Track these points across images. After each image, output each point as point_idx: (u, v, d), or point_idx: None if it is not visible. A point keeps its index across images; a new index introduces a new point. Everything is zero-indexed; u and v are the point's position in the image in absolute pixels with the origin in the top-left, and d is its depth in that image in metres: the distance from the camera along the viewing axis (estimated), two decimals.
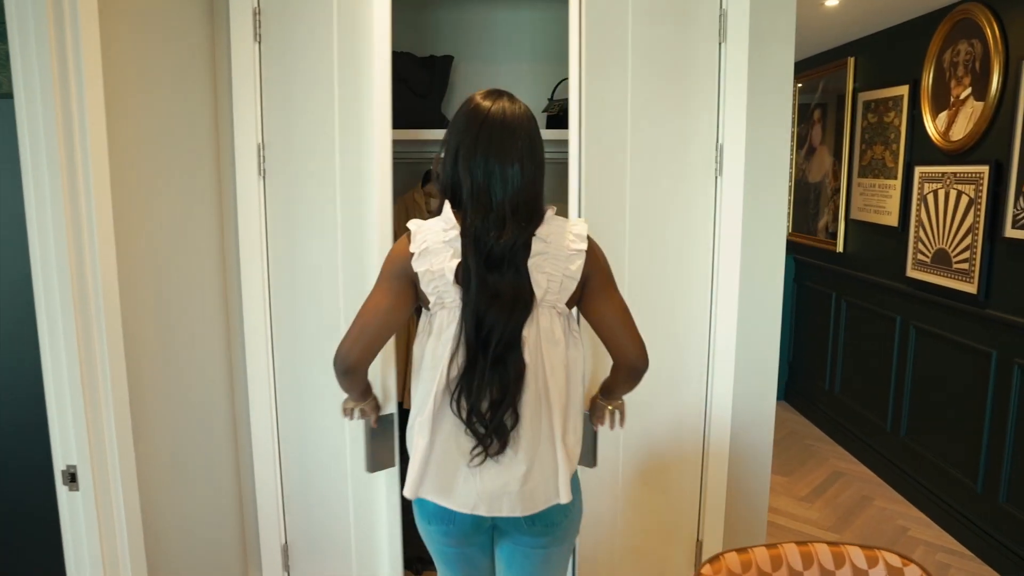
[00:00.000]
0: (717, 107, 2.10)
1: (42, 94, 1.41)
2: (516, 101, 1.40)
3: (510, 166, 1.33)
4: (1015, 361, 2.69)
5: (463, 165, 1.35)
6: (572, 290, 1.37)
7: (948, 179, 3.06)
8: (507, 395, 1.32)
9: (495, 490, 1.38)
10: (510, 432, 1.35)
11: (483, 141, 1.34)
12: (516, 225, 1.32)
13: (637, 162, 2.09)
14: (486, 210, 1.32)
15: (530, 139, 1.37)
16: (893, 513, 3.30)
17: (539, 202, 1.39)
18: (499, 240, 1.30)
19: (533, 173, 1.36)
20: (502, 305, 1.30)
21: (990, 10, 2.78)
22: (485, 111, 1.35)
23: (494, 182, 1.33)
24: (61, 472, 1.50)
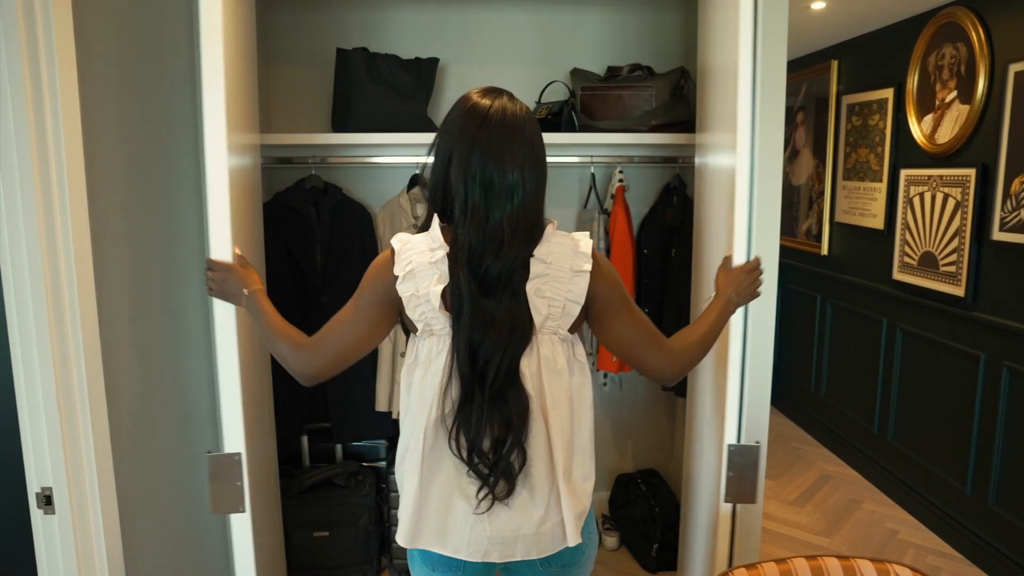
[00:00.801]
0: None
1: (12, 93, 1.34)
2: (516, 100, 1.24)
3: (510, 176, 1.17)
4: (1003, 363, 2.69)
5: (456, 173, 1.19)
6: (576, 314, 1.24)
7: (934, 182, 3.07)
8: (512, 433, 1.20)
9: (507, 535, 1.26)
10: (518, 473, 1.23)
11: (480, 146, 1.17)
12: (515, 244, 1.18)
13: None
14: (482, 227, 1.17)
15: (532, 145, 1.22)
16: (882, 516, 3.30)
17: (540, 217, 1.24)
18: (495, 261, 1.17)
19: (535, 185, 1.21)
20: (498, 334, 1.17)
21: (974, 13, 2.80)
22: (483, 111, 1.19)
23: (492, 195, 1.17)
24: (36, 495, 1.42)
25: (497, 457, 1.21)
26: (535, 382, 1.24)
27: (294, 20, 2.75)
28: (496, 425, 1.21)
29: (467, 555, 1.27)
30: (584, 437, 1.32)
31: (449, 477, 1.26)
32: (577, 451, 1.30)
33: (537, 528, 1.26)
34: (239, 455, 1.49)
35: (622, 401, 3.09)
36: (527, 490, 1.26)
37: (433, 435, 1.24)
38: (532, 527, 1.26)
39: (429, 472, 1.26)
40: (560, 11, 2.81)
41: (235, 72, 1.96)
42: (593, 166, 2.80)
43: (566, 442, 1.27)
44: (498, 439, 1.21)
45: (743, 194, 1.54)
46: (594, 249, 1.27)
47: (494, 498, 1.24)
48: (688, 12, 2.80)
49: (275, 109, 2.77)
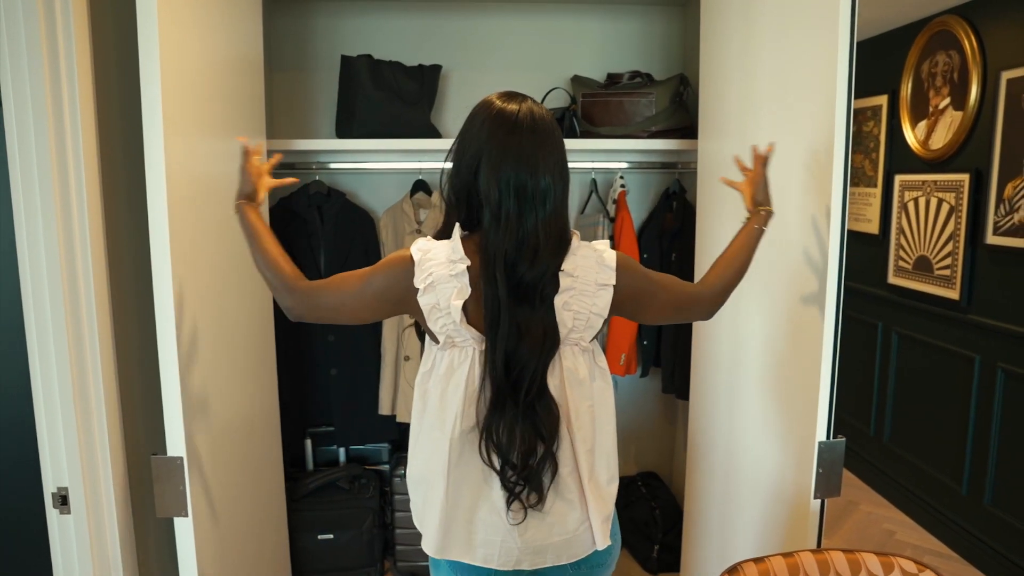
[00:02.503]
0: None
1: (32, 99, 1.36)
2: (539, 105, 1.24)
3: (543, 181, 1.16)
4: (998, 365, 2.73)
5: (488, 179, 1.16)
6: (599, 326, 1.26)
7: (929, 187, 3.12)
8: (543, 443, 1.20)
9: (538, 543, 1.26)
10: (549, 484, 1.24)
11: (512, 151, 1.16)
12: (548, 251, 1.17)
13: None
14: (515, 233, 1.16)
15: (560, 149, 1.22)
16: (879, 517, 3.33)
17: (567, 224, 1.25)
18: (530, 269, 1.16)
19: (563, 190, 1.22)
20: (532, 343, 1.17)
21: (967, 22, 2.85)
22: (512, 116, 1.18)
23: (525, 201, 1.15)
24: (52, 495, 1.44)
25: (528, 467, 1.21)
26: (559, 393, 1.24)
27: (298, 27, 2.78)
28: (528, 436, 1.20)
29: (498, 564, 1.27)
30: (607, 441, 1.33)
31: (478, 488, 1.26)
32: (600, 455, 1.31)
33: (567, 534, 1.28)
34: (181, 459, 1.47)
35: (622, 404, 3.11)
36: (556, 498, 1.26)
37: (459, 447, 1.23)
38: (562, 534, 1.27)
39: (457, 483, 1.25)
40: (561, 19, 2.86)
41: (238, 79, 1.99)
42: (594, 172, 2.84)
43: (589, 449, 1.28)
44: (528, 450, 1.21)
45: (838, 193, 1.54)
46: (615, 254, 1.27)
47: (525, 508, 1.24)
48: (687, 20, 2.84)
49: (279, 115, 2.80)
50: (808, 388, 1.64)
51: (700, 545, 2.34)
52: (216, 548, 1.64)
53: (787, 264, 1.76)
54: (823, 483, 1.62)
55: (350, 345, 2.65)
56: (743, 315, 2.00)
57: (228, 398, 1.79)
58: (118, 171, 1.72)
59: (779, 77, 1.79)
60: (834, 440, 1.61)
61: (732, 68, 2.06)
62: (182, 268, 1.47)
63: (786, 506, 1.74)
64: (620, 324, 2.70)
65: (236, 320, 1.89)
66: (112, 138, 1.68)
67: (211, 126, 1.74)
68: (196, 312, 1.56)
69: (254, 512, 2.03)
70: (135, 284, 1.75)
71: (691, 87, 2.64)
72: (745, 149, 1.98)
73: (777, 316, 1.82)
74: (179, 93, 1.50)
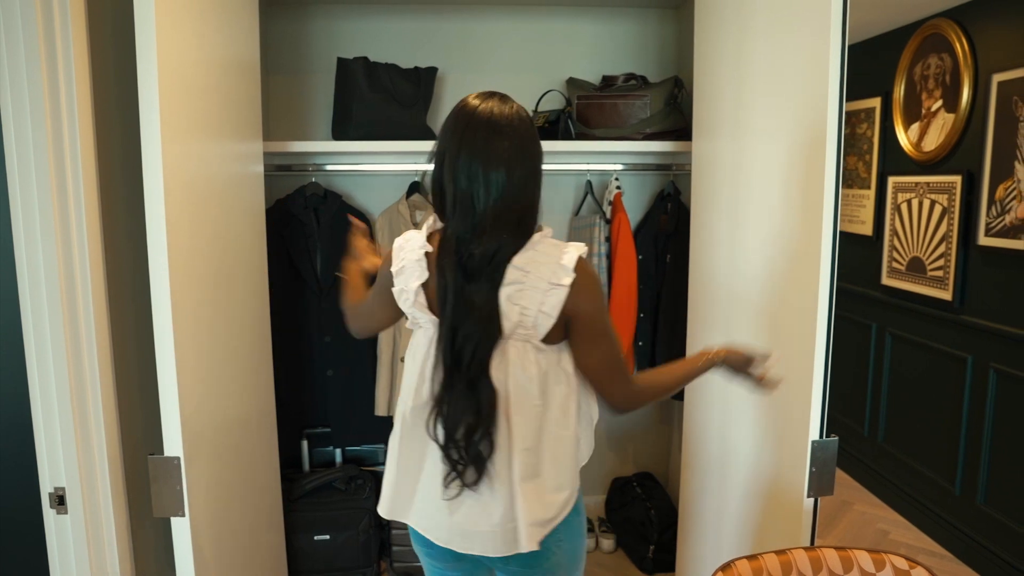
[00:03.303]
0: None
1: (30, 101, 1.37)
2: (508, 102, 1.28)
3: (495, 170, 1.21)
4: (990, 365, 2.75)
5: (447, 171, 1.25)
6: (548, 326, 1.25)
7: (921, 189, 3.14)
8: (481, 421, 1.24)
9: (467, 528, 1.30)
10: (487, 462, 1.26)
11: (467, 142, 1.22)
12: (496, 232, 1.22)
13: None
14: (467, 218, 1.23)
15: (521, 141, 1.24)
16: (873, 517, 3.35)
17: (528, 214, 1.27)
18: (478, 248, 1.22)
19: (523, 179, 1.24)
20: (477, 320, 1.22)
21: (958, 25, 2.88)
22: (471, 110, 1.25)
23: (477, 187, 1.22)
24: (48, 495, 1.44)
25: (468, 444, 1.25)
26: (502, 385, 1.26)
27: (295, 30, 2.79)
28: (470, 413, 1.25)
29: (433, 537, 1.34)
30: (560, 449, 1.31)
31: (423, 460, 1.32)
32: (549, 460, 1.30)
33: (492, 527, 1.28)
34: (178, 459, 1.49)
35: None
36: (488, 488, 1.28)
37: (412, 419, 1.32)
38: (488, 525, 1.28)
39: (407, 453, 1.34)
40: (556, 21, 2.87)
41: (235, 82, 2.00)
42: (589, 173, 2.85)
43: (528, 448, 1.27)
44: (470, 427, 1.25)
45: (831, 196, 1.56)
46: (585, 265, 1.27)
47: (463, 485, 1.27)
48: (682, 22, 2.86)
49: (276, 117, 2.81)
50: (801, 388, 1.66)
51: (695, 545, 2.35)
52: (213, 548, 1.65)
53: (780, 265, 1.78)
54: (816, 482, 1.63)
55: (346, 346, 2.65)
56: (737, 316, 2.02)
57: (225, 399, 1.80)
58: (116, 172, 1.73)
59: (772, 79, 1.80)
60: (827, 439, 1.62)
61: (725, 70, 2.07)
62: (179, 269, 1.48)
63: (780, 505, 1.75)
64: (618, 326, 2.71)
65: (233, 321, 1.90)
66: (110, 140, 1.69)
67: (208, 128, 1.75)
68: (193, 312, 1.57)
69: (251, 512, 2.04)
70: (132, 284, 1.75)
71: (685, 89, 2.66)
72: (739, 150, 2.00)
73: (770, 317, 1.84)
74: (176, 96, 1.51)
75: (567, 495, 1.33)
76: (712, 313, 2.17)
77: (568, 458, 1.33)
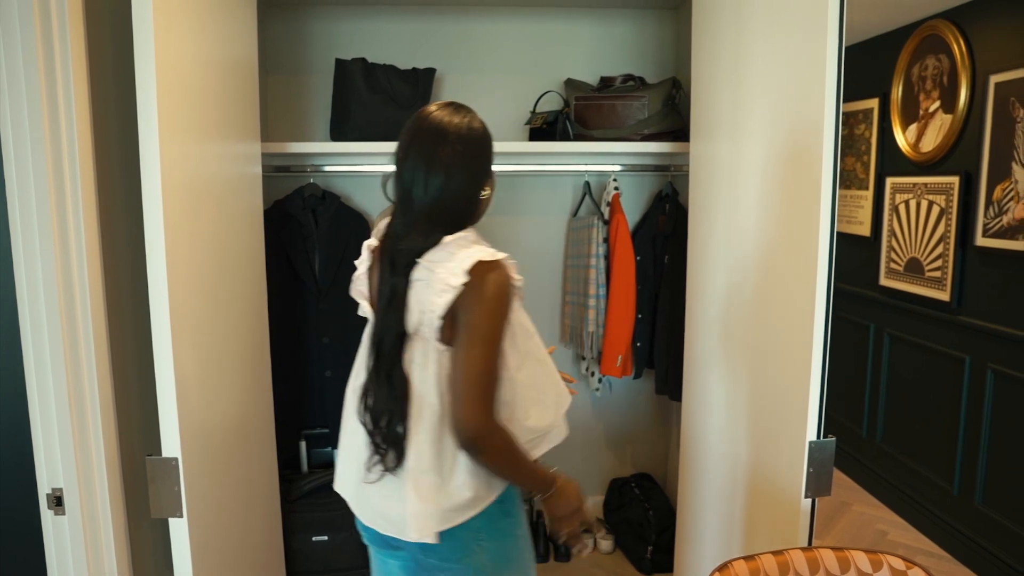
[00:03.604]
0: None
1: (28, 102, 1.37)
2: (463, 112, 1.32)
3: (434, 174, 1.27)
4: (988, 365, 2.76)
5: (397, 169, 1.32)
6: (436, 326, 1.27)
7: (919, 189, 3.15)
8: (396, 409, 1.30)
9: (381, 509, 1.36)
10: (405, 448, 1.31)
11: (415, 146, 1.29)
12: (424, 231, 1.28)
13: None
14: (406, 215, 1.30)
15: (464, 148, 1.29)
16: (871, 518, 3.35)
17: (462, 217, 1.31)
18: (405, 243, 1.28)
19: (461, 185, 1.29)
20: (395, 310, 1.30)
21: (956, 26, 2.88)
22: (424, 116, 1.31)
23: (417, 187, 1.28)
24: (46, 496, 1.44)
25: (388, 431, 1.32)
26: (412, 379, 1.32)
27: (293, 31, 2.79)
28: (387, 401, 1.32)
29: (361, 516, 1.42)
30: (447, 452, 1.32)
31: (357, 441, 1.38)
32: (452, 458, 1.31)
33: (397, 512, 1.33)
34: (176, 459, 1.49)
35: (615, 405, 3.13)
36: (402, 474, 1.33)
37: (351, 403, 1.40)
38: (399, 510, 1.33)
39: (348, 434, 1.41)
40: (554, 22, 2.88)
41: (234, 82, 2.00)
42: (587, 174, 2.86)
43: (427, 442, 1.30)
44: (388, 415, 1.32)
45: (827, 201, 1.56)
46: (485, 272, 1.25)
47: (384, 469, 1.33)
48: (680, 23, 2.87)
49: (275, 118, 2.81)
50: (798, 388, 1.66)
51: (693, 546, 2.35)
52: (211, 549, 1.65)
53: (777, 265, 1.78)
54: (813, 482, 1.63)
55: (345, 347, 2.64)
56: (734, 317, 2.02)
57: (223, 400, 1.80)
58: (114, 174, 1.73)
59: (769, 80, 1.81)
60: (824, 439, 1.62)
61: (723, 71, 2.08)
62: (177, 270, 1.48)
63: (778, 506, 1.75)
64: (616, 326, 2.72)
65: (231, 322, 1.90)
66: (108, 141, 1.69)
67: (206, 129, 1.75)
68: (191, 314, 1.57)
69: (249, 513, 2.04)
70: (130, 285, 1.75)
71: (683, 90, 2.66)
72: (737, 151, 2.00)
73: (768, 317, 1.84)
74: (174, 96, 1.51)
75: (470, 496, 1.32)
76: (709, 314, 2.17)
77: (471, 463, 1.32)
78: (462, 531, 1.33)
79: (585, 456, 3.15)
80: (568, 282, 2.96)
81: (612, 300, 2.72)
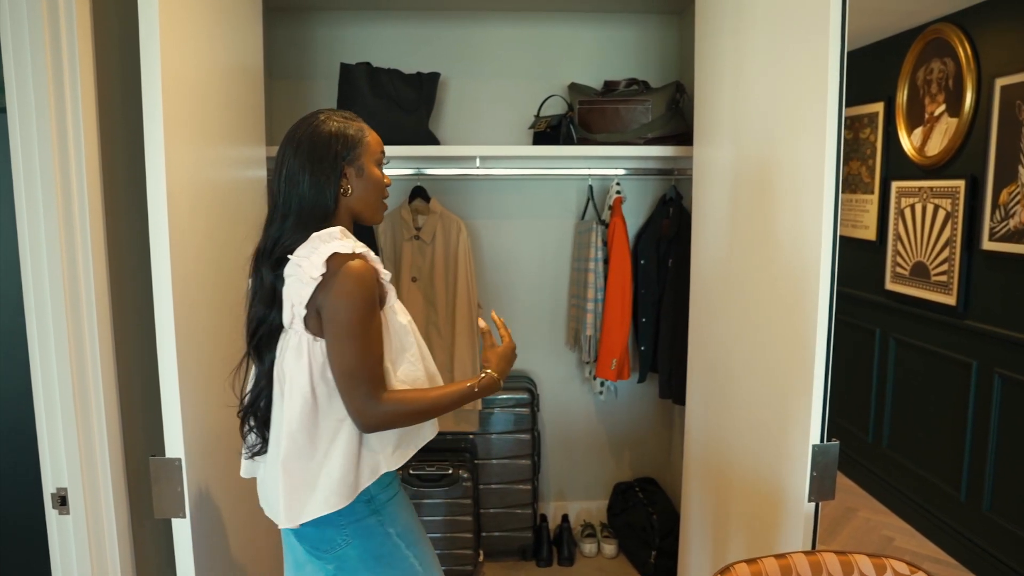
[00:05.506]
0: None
1: (36, 108, 1.38)
2: (330, 118, 1.40)
3: (287, 179, 1.36)
4: (995, 370, 2.74)
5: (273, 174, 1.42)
6: (303, 317, 1.32)
7: (925, 193, 3.14)
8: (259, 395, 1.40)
9: (265, 493, 1.44)
10: (263, 435, 1.41)
11: (279, 149, 1.40)
12: (282, 228, 1.35)
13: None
14: (272, 218, 1.39)
15: (307, 152, 1.36)
16: (878, 523, 3.33)
17: (313, 215, 1.36)
18: (263, 239, 1.38)
19: (307, 187, 1.35)
20: (260, 298, 1.38)
21: (961, 29, 2.88)
22: (294, 124, 1.42)
23: (273, 185, 1.39)
24: (51, 495, 1.45)
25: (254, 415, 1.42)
26: (281, 368, 1.36)
27: (298, 36, 2.81)
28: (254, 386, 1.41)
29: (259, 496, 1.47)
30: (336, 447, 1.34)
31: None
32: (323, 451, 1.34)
33: (275, 496, 1.37)
34: (179, 460, 1.50)
35: (619, 409, 3.13)
36: (269, 457, 1.40)
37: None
38: (272, 493, 1.39)
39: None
40: (558, 27, 2.88)
41: (239, 87, 2.01)
42: (590, 178, 2.86)
43: (292, 433, 1.33)
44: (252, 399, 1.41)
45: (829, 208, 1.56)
46: (343, 263, 1.29)
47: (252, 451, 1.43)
48: (683, 28, 2.87)
49: (279, 122, 2.82)
50: (802, 392, 1.65)
51: (696, 550, 2.34)
52: (213, 550, 1.65)
53: (780, 270, 1.77)
54: (817, 486, 1.63)
55: None
56: (737, 320, 2.01)
57: (227, 400, 1.80)
58: (120, 177, 1.75)
59: (772, 84, 1.81)
60: (828, 443, 1.62)
61: (726, 75, 2.08)
62: (182, 271, 1.49)
63: (782, 510, 1.75)
64: (611, 330, 2.72)
65: (235, 322, 1.90)
66: (114, 145, 1.71)
67: (211, 133, 1.76)
68: (195, 314, 1.58)
69: (251, 514, 2.03)
70: (135, 286, 1.76)
71: (687, 94, 2.66)
72: (740, 155, 2.00)
73: (771, 321, 1.84)
74: (180, 101, 1.52)
75: (335, 487, 1.34)
76: (713, 317, 2.17)
77: (341, 454, 1.35)
78: (327, 524, 1.37)
79: (589, 460, 3.15)
80: (572, 285, 2.97)
81: (607, 303, 2.73)
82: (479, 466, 2.85)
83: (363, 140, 1.43)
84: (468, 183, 2.93)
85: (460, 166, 2.81)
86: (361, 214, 1.43)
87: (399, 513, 1.47)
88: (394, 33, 2.83)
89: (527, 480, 2.88)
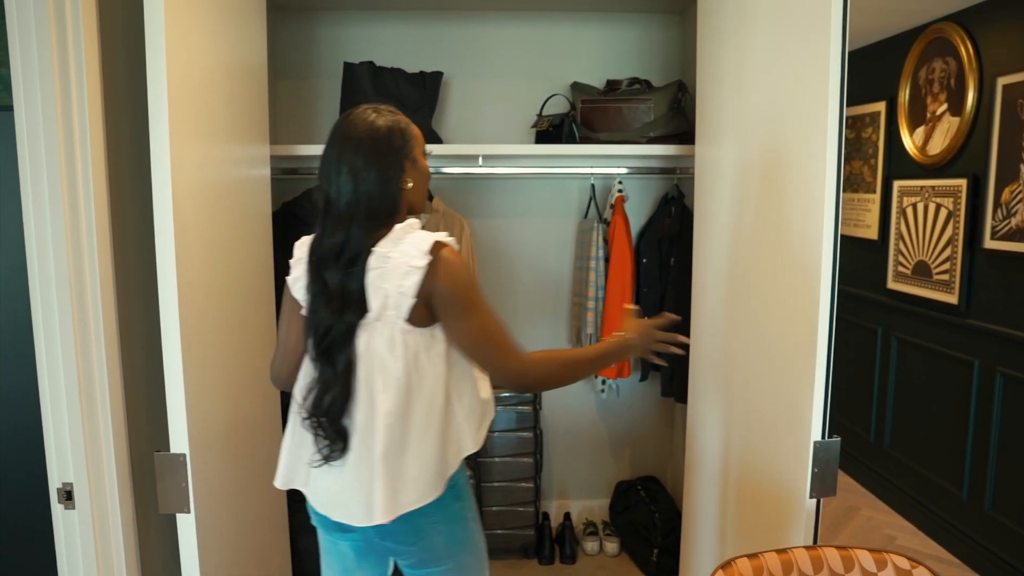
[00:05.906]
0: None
1: (43, 106, 1.39)
2: (380, 113, 1.38)
3: (346, 177, 1.33)
4: (997, 369, 2.74)
5: (321, 173, 1.37)
6: (410, 307, 1.32)
7: (927, 192, 3.14)
8: (339, 396, 1.34)
9: (333, 494, 1.39)
10: (349, 436, 1.35)
11: (333, 148, 1.35)
12: (344, 226, 1.33)
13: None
14: (327, 213, 1.35)
15: (369, 148, 1.34)
16: (880, 523, 3.33)
17: (381, 211, 1.35)
18: (330, 239, 1.33)
19: (375, 183, 1.33)
20: (329, 301, 1.34)
21: (963, 28, 2.88)
22: (341, 121, 1.37)
23: (331, 187, 1.34)
24: (57, 490, 1.46)
25: (330, 417, 1.35)
26: (367, 361, 1.34)
27: (302, 36, 2.82)
28: (329, 388, 1.35)
29: (315, 503, 1.43)
30: (430, 429, 1.36)
31: (307, 436, 1.40)
32: (417, 439, 1.35)
33: (356, 497, 1.35)
34: (184, 455, 1.51)
35: (620, 408, 3.13)
36: (354, 460, 1.36)
37: (298, 400, 1.42)
38: (352, 495, 1.36)
39: (298, 429, 1.41)
40: (560, 27, 2.89)
41: (243, 86, 2.03)
42: (593, 177, 2.87)
43: (390, 425, 1.33)
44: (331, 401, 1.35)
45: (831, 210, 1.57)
46: (441, 248, 1.32)
47: (330, 454, 1.36)
48: (685, 27, 2.88)
49: (283, 121, 2.84)
50: (804, 389, 1.66)
51: (698, 548, 2.35)
52: (218, 545, 1.66)
53: (782, 268, 1.78)
54: (818, 483, 1.63)
55: None
56: (739, 319, 2.02)
57: (231, 397, 1.82)
58: (125, 174, 1.76)
59: (773, 84, 1.81)
60: (829, 439, 1.62)
61: (728, 74, 2.08)
62: (186, 268, 1.50)
63: (783, 507, 1.75)
64: (612, 328, 2.71)
65: (239, 320, 1.92)
66: (120, 142, 1.72)
67: (216, 132, 1.77)
68: (200, 311, 1.59)
69: (256, 510, 2.05)
70: (140, 283, 1.78)
71: (689, 93, 2.67)
72: (741, 154, 2.01)
73: (772, 319, 1.84)
74: (185, 100, 1.54)
75: (431, 477, 1.36)
76: (715, 315, 2.18)
77: (434, 441, 1.37)
78: (419, 514, 1.37)
79: (591, 458, 3.15)
80: (575, 284, 2.98)
81: (608, 302, 2.73)
82: (481, 464, 2.86)
83: (413, 132, 1.42)
84: (471, 182, 2.95)
85: (463, 165, 2.82)
86: (414, 205, 1.42)
87: (472, 498, 1.51)
88: (397, 32, 2.84)
89: (529, 478, 2.88)
